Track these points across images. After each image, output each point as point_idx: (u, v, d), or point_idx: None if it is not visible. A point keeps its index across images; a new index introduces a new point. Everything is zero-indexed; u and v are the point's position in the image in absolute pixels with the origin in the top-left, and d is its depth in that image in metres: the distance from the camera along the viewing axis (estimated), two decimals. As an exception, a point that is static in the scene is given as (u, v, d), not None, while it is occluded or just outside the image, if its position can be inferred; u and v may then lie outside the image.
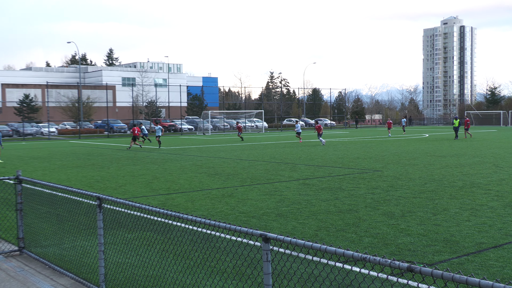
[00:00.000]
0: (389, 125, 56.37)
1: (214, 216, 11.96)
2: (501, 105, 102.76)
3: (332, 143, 41.89)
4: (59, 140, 58.26)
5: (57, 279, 7.81)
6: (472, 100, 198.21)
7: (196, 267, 7.75)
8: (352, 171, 20.87)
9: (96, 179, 19.74)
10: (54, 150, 38.92)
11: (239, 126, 52.11)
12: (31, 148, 43.33)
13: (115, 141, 53.70)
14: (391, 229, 10.44)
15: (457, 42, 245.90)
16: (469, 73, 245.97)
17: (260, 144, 43.08)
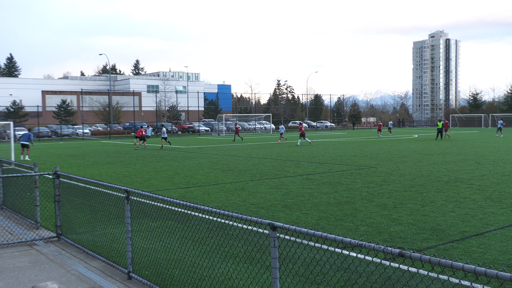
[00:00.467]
0: (379, 127, 56.14)
1: (227, 207, 11.97)
2: (482, 109, 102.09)
3: (332, 143, 41.79)
4: (92, 140, 58.51)
5: (90, 262, 7.85)
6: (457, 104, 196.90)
7: (212, 252, 7.77)
8: (349, 168, 20.82)
9: (124, 174, 19.81)
10: (87, 149, 39.11)
11: (237, 128, 50.64)
12: (68, 147, 43.57)
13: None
14: (384, 219, 10.41)
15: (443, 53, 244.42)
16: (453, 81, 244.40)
17: (268, 143, 43.04)
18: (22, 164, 12.23)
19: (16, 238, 9.41)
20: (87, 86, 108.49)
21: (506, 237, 8.77)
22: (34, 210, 10.21)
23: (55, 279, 6.99)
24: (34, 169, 10.35)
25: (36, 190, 10.00)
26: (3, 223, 10.84)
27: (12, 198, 12.06)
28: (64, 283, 6.78)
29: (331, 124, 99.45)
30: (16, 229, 10.18)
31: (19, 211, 11.42)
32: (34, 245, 9.02)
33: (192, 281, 6.58)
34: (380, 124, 56.97)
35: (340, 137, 54.19)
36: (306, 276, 6.66)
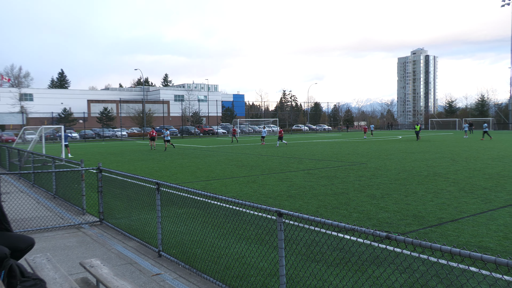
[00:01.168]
0: (365, 130, 55.89)
1: (241, 196, 11.98)
2: (457, 114, 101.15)
3: (329, 143, 41.62)
4: (128, 141, 58.84)
5: (127, 242, 7.88)
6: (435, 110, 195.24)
7: (228, 234, 7.77)
8: (344, 164, 20.73)
9: (155, 169, 19.90)
10: (124, 148, 39.35)
11: (234, 130, 48.42)
12: (108, 146, 43.86)
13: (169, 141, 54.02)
14: (373, 207, 10.35)
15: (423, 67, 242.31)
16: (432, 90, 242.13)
17: (275, 144, 42.97)
18: (70, 161, 12.33)
19: (66, 222, 9.49)
20: (124, 95, 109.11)
21: (477, 222, 8.68)
22: (81, 199, 10.29)
23: (98, 256, 7.04)
24: (81, 165, 10.43)
25: (83, 183, 10.08)
26: (56, 209, 10.94)
27: (63, 189, 12.16)
28: (105, 260, 6.82)
29: (328, 127, 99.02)
30: (66, 215, 10.27)
31: (68, 200, 11.52)
32: (81, 228, 9.08)
33: (211, 258, 6.59)
34: (366, 128, 56.73)
35: (336, 138, 53.99)
36: (307, 255, 6.64)
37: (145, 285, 5.77)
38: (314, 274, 5.80)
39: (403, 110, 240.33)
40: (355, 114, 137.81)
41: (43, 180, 14.34)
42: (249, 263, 6.33)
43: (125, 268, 6.45)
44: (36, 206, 11.04)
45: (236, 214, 8.93)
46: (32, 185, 15.28)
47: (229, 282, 5.68)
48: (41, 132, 24.35)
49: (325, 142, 43.14)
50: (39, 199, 12.43)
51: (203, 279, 5.93)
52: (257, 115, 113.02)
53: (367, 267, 6.10)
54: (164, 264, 6.65)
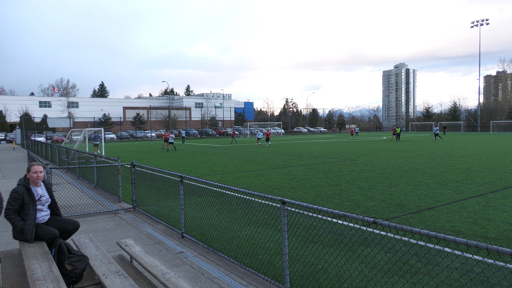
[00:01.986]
0: (352, 132, 55.33)
1: (251, 188, 11.97)
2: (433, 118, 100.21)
3: (324, 143, 41.43)
4: (157, 141, 59.07)
5: (155, 226, 7.91)
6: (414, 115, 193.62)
7: (240, 219, 7.77)
8: (337, 160, 20.63)
9: (179, 165, 19.95)
10: (153, 148, 39.51)
11: (233, 132, 47.19)
12: (140, 145, 44.08)
13: (190, 141, 54.20)
14: (362, 196, 10.29)
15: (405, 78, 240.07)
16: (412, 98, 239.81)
17: (279, 143, 42.88)
18: (109, 157, 12.40)
19: (105, 208, 9.54)
20: (153, 103, 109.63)
21: (450, 210, 8.58)
22: (118, 189, 10.34)
23: (131, 237, 7.07)
24: (117, 161, 10.48)
25: (119, 175, 10.13)
26: (97, 198, 11.02)
27: (102, 181, 12.24)
28: (137, 240, 6.85)
29: (324, 129, 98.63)
30: (105, 202, 10.33)
31: (107, 189, 11.58)
32: (117, 213, 9.13)
33: (226, 239, 6.59)
34: (352, 130, 56.23)
35: (330, 139, 53.75)
36: (306, 237, 6.62)
37: (170, 261, 5.78)
38: (312, 253, 5.77)
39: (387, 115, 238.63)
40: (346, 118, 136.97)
41: (86, 173, 14.45)
42: (257, 243, 6.32)
43: (154, 247, 6.47)
44: (81, 195, 11.12)
45: (246, 202, 8.92)
46: (77, 177, 15.41)
47: (240, 259, 5.68)
48: (85, 133, 24.52)
49: (321, 142, 42.96)
50: (83, 189, 12.53)
51: (219, 257, 5.93)
52: (264, 119, 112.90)
53: (357, 247, 6.06)
54: (186, 244, 6.67)
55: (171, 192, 8.39)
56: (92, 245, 4.97)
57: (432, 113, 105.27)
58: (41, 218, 5.04)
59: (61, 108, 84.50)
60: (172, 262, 5.78)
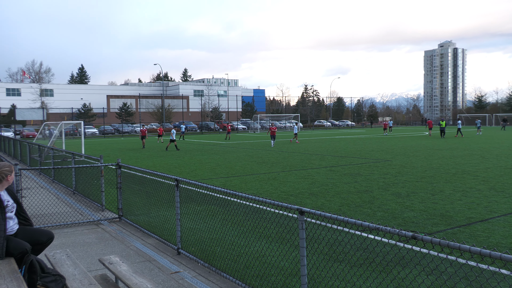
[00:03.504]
0: (385, 126, 54.53)
1: (261, 194, 11.98)
2: (487, 110, 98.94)
3: (352, 139, 41.27)
4: (148, 137, 59.50)
5: (145, 239, 7.97)
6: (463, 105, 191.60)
7: (248, 232, 7.78)
8: (368, 161, 20.53)
9: (174, 165, 20.07)
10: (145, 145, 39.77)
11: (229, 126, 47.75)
12: (128, 142, 44.43)
13: (188, 137, 54.46)
14: (399, 205, 10.23)
15: (451, 60, 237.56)
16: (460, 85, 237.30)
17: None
18: (90, 157, 12.53)
19: (85, 218, 9.64)
20: (143, 91, 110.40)
21: (508, 223, 8.47)
22: (100, 195, 10.45)
23: (117, 253, 7.14)
24: (100, 161, 10.59)
25: (102, 178, 10.22)
26: (75, 205, 11.14)
27: (82, 185, 12.38)
28: (124, 257, 6.91)
29: (351, 123, 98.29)
30: (85, 211, 10.45)
31: (88, 195, 11.71)
32: (100, 224, 9.22)
33: (231, 257, 6.61)
34: (386, 123, 55.41)
35: (359, 134, 53.51)
36: (329, 255, 6.60)
37: (164, 283, 5.82)
38: (336, 274, 5.75)
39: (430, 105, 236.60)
40: (379, 110, 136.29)
41: (62, 175, 14.63)
42: (270, 262, 6.32)
43: (144, 266, 6.52)
44: (56, 202, 11.26)
45: (256, 212, 8.93)
46: (52, 180, 15.60)
47: (249, 281, 5.68)
48: (61, 128, 24.82)
49: (348, 138, 42.78)
50: (58, 195, 12.69)
51: (222, 278, 5.95)
52: (278, 110, 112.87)
53: (392, 268, 6.02)
54: (183, 262, 6.70)
55: (165, 199, 8.43)
56: (69, 263, 5.03)
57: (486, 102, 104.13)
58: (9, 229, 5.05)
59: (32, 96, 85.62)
60: (166, 284, 5.82)
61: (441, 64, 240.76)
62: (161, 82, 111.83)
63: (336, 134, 54.27)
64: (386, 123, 55.54)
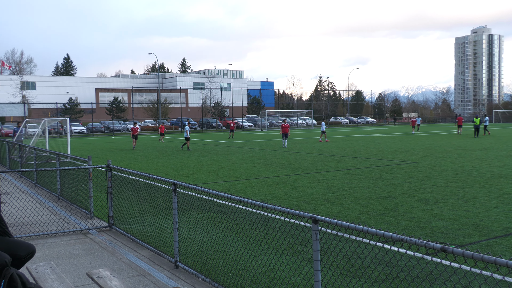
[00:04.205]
0: (413, 123, 53.66)
1: (270, 200, 11.97)
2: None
3: (373, 138, 41.17)
4: (141, 135, 59.68)
5: (139, 251, 8.00)
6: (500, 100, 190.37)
7: (255, 243, 7.78)
8: (390, 163, 20.46)
9: (172, 168, 20.12)
10: (137, 144, 39.94)
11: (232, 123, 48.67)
12: (119, 141, 44.64)
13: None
14: (426, 213, 10.19)
15: (486, 48, 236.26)
16: (497, 76, 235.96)
17: (309, 138, 42.81)
18: (77, 158, 12.59)
19: (71, 227, 9.70)
20: (137, 84, 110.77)
21: (551, 234, 8.40)
22: (88, 201, 10.50)
23: (107, 266, 7.17)
24: (88, 162, 10.64)
25: (90, 182, 10.27)
26: (60, 212, 11.21)
27: (68, 190, 12.44)
28: (115, 271, 6.94)
29: (372, 119, 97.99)
30: (71, 219, 10.50)
31: (74, 201, 11.77)
32: (88, 234, 9.27)
33: (236, 271, 6.61)
34: (414, 120, 54.33)
35: (381, 133, 53.34)
36: (347, 269, 6.58)
37: (160, 300, 5.84)
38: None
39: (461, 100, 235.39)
40: (404, 104, 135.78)
41: (46, 179, 14.72)
42: (279, 278, 6.32)
43: (137, 281, 6.54)
44: (39, 209, 11.33)
45: (264, 220, 8.92)
46: (34, 184, 15.71)
47: (255, 298, 5.68)
48: (44, 125, 24.98)
49: (368, 137, 42.67)
50: (42, 201, 12.77)
51: (226, 295, 5.96)
52: (289, 105, 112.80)
53: (419, 284, 6.00)
54: (181, 276, 6.71)
55: (161, 205, 8.46)
56: (54, 277, 5.06)
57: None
58: (-15, 239, 5.11)
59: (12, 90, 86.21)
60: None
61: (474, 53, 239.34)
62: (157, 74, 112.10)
63: (355, 132, 54.15)
64: (414, 120, 54.34)
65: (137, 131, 34.66)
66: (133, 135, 34.46)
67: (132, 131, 34.68)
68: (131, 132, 35.47)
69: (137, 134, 34.63)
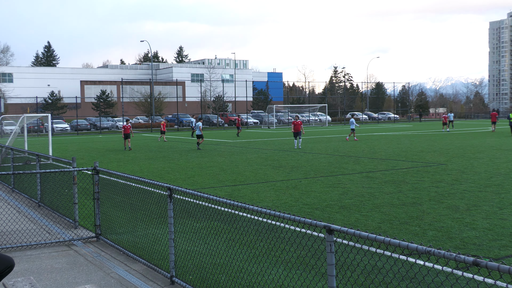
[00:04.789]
0: (444, 120, 51.26)
1: (278, 207, 11.98)
2: None
3: (395, 137, 41.09)
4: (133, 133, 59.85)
5: (130, 265, 8.02)
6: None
7: (261, 256, 7.78)
8: (415, 165, 20.42)
9: (167, 171, 20.16)
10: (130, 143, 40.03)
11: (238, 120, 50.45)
12: (107, 141, 44.77)
13: (184, 134, 54.68)
14: (456, 222, 10.16)
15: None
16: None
17: (323, 137, 42.78)
18: (60, 159, 12.63)
19: (54, 237, 9.73)
20: (127, 75, 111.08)
21: None
22: (72, 208, 10.53)
23: (94, 282, 7.19)
24: (72, 165, 10.64)
25: (75, 187, 10.30)
26: (41, 221, 11.25)
27: (49, 195, 12.48)
28: (103, 287, 6.96)
29: (394, 115, 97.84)
30: (54, 228, 10.54)
31: (56, 209, 11.81)
32: (72, 245, 9.30)
33: (239, 287, 6.62)
34: (446, 117, 51.82)
35: (405, 130, 53.23)
36: (366, 286, 6.58)
37: (153, 321, 5.85)
38: (375, 311, 5.73)
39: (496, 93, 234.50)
40: (430, 98, 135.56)
41: (25, 183, 14.77)
42: (289, 295, 6.31)
43: (129, 298, 6.56)
44: (17, 217, 11.37)
45: (272, 230, 8.92)
46: (11, 189, 15.77)
47: (262, 319, 5.69)
48: (22, 122, 25.07)
49: (390, 136, 42.60)
50: (20, 208, 12.82)
51: (228, 315, 5.97)
52: (300, 99, 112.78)
53: (447, 303, 5.98)
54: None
55: (155, 213, 8.48)
56: (34, 294, 5.08)
57: None
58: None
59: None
60: (156, 321, 5.84)
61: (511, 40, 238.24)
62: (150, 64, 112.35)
63: (375, 130, 54.05)
64: (446, 116, 52.03)
65: (129, 129, 33.23)
66: (125, 134, 33.02)
67: (124, 129, 33.30)
68: (122, 131, 33.86)
69: (129, 133, 33.05)
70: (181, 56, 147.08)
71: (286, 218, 5.07)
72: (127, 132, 33.10)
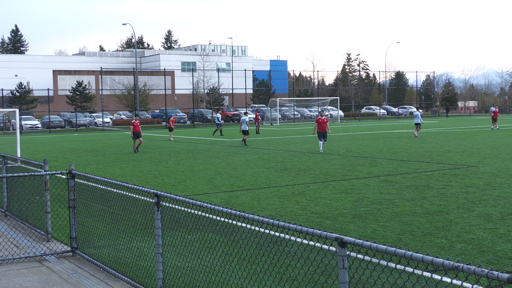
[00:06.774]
0: (495, 115, 48.17)
1: (283, 216, 11.98)
2: None
3: (419, 134, 41.08)
4: (114, 131, 59.90)
5: (111, 283, 8.02)
6: None
7: (263, 273, 7.78)
8: (442, 167, 20.41)
9: (154, 174, 20.16)
10: (108, 142, 40.06)
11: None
12: (84, 140, 44.77)
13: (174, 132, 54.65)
14: (488, 234, 10.16)
15: None
16: None
17: (335, 135, 42.80)
18: (30, 161, 12.63)
19: (23, 252, 9.72)
20: (107, 64, 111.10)
21: None
22: (44, 218, 10.51)
23: (69, 303, 7.19)
24: (44, 168, 10.63)
25: (47, 194, 10.29)
26: (8, 233, 11.24)
27: (18, 203, 12.47)
28: (80, 309, 6.97)
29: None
30: (23, 241, 10.54)
31: (26, 219, 11.80)
32: (45, 261, 9.30)
33: (238, 309, 6.63)
34: (497, 111, 48.81)
35: (429, 127, 53.24)
36: (384, 307, 6.58)
37: None
38: (395, 336, 5.75)
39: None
40: (459, 90, 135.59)
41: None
42: (295, 318, 6.32)
43: (110, 322, 6.57)
44: (-20, 228, 11.38)
45: (276, 242, 8.94)
46: (-26, 196, 15.77)
47: None
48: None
49: (412, 133, 42.60)
50: (-16, 218, 12.80)
51: None
52: (307, 92, 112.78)
53: (479, 327, 5.99)
54: (166, 316, 6.73)
55: (140, 223, 8.48)
56: (0, 317, 5.09)
57: None
58: None
59: None
60: None
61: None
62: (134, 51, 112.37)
63: (394, 127, 54.05)
64: (496, 111, 48.78)
65: (138, 126, 30.96)
66: (134, 133, 30.86)
67: (133, 126, 31.14)
68: (131, 129, 31.64)
69: (139, 131, 30.76)
70: (169, 42, 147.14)
71: (291, 229, 5.08)
72: (136, 130, 30.83)
